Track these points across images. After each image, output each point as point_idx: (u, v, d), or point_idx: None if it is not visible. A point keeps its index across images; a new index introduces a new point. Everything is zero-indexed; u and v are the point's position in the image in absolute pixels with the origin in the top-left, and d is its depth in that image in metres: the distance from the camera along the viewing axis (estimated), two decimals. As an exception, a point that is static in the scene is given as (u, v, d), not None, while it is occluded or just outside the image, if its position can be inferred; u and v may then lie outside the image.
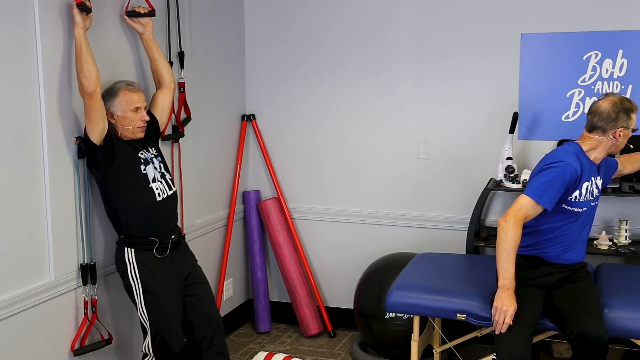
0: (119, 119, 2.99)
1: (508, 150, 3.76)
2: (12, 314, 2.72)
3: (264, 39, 4.39)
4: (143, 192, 3.01)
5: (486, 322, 3.02)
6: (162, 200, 3.06)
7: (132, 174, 2.99)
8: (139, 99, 3.02)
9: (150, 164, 3.07)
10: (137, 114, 3.00)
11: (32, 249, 2.84)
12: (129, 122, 2.99)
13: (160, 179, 3.09)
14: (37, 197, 2.85)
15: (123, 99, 2.98)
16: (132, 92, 3.01)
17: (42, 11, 2.78)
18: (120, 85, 3.01)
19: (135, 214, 3.00)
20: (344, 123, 4.27)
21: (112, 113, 2.98)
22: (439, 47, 4.02)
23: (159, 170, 3.10)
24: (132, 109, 2.99)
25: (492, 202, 4.01)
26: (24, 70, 2.75)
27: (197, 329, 3.20)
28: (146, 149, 3.10)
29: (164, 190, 3.09)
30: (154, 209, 3.04)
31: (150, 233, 3.03)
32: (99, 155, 2.92)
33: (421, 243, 4.18)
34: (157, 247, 3.03)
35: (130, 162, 2.99)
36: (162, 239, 3.06)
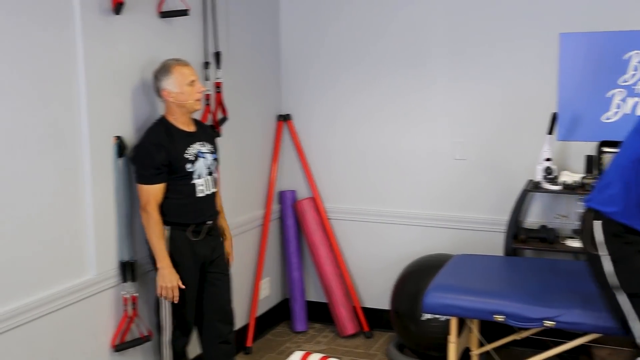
0: (177, 95, 3.03)
1: (547, 151, 3.71)
2: (55, 309, 2.78)
3: (299, 39, 4.41)
4: (186, 189, 3.08)
5: (526, 323, 2.98)
6: (203, 197, 3.13)
7: (177, 171, 3.04)
8: (192, 73, 3.08)
9: (202, 159, 3.12)
10: (192, 87, 3.06)
11: (75, 246, 2.89)
12: (187, 97, 3.04)
13: (207, 175, 3.14)
14: (79, 196, 2.90)
15: (178, 74, 3.03)
16: (184, 66, 3.07)
17: (84, 13, 2.84)
18: (171, 63, 3.07)
19: (175, 206, 3.07)
20: (380, 123, 4.26)
21: (169, 91, 3.03)
22: (475, 47, 3.99)
23: (209, 167, 3.15)
24: (188, 82, 3.04)
25: (530, 203, 3.96)
26: (66, 72, 2.80)
27: (206, 315, 3.27)
28: (201, 142, 3.15)
29: (207, 188, 3.14)
30: (195, 203, 3.10)
31: (187, 220, 3.10)
32: None
33: (457, 244, 4.15)
34: (191, 230, 3.10)
35: (177, 161, 3.04)
36: (198, 224, 3.13)
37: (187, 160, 3.06)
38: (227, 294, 3.34)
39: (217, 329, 3.29)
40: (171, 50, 3.38)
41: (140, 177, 3.01)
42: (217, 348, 3.31)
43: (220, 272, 3.29)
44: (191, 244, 3.12)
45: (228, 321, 3.34)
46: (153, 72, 3.10)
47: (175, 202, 3.06)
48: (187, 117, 3.14)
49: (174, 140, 3.05)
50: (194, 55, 3.56)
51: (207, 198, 3.16)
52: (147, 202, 3.00)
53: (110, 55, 3.00)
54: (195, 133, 3.15)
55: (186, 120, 3.13)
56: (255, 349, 4.15)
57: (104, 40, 2.96)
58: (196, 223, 3.12)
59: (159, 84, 3.05)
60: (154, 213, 3.00)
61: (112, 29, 3.01)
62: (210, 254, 3.22)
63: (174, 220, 3.07)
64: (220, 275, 3.29)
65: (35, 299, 2.69)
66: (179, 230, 3.08)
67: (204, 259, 3.19)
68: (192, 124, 3.17)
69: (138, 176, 3.02)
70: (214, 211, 3.24)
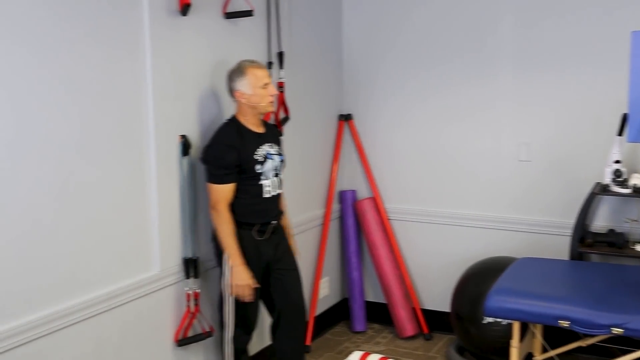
0: (250, 97, 3.06)
1: (616, 153, 3.59)
2: (121, 303, 2.86)
3: (362, 39, 4.40)
4: (254, 189, 3.10)
5: (592, 330, 2.89)
6: (269, 198, 3.15)
7: (247, 172, 3.07)
8: (266, 75, 3.10)
9: (270, 160, 3.14)
10: (265, 90, 3.08)
11: (140, 242, 2.96)
12: (260, 99, 3.07)
13: (274, 177, 3.17)
14: (145, 193, 2.97)
15: (252, 76, 3.05)
16: (258, 68, 3.09)
17: (152, 15, 2.90)
18: (245, 64, 3.09)
19: (242, 206, 3.09)
20: (442, 124, 4.21)
21: (242, 92, 3.06)
22: (542, 47, 3.90)
23: (276, 168, 3.18)
24: (261, 85, 3.06)
25: (598, 206, 3.85)
26: (134, 72, 2.87)
27: (281, 312, 3.27)
28: (270, 143, 3.17)
29: (274, 189, 3.17)
30: (261, 203, 3.13)
31: (253, 220, 3.12)
32: None
33: (521, 247, 4.06)
34: (256, 230, 3.12)
35: (247, 162, 3.06)
36: (263, 224, 3.15)
37: (256, 161, 3.08)
38: (297, 288, 3.34)
39: (290, 324, 3.30)
40: (236, 50, 3.43)
41: (212, 176, 3.05)
42: (290, 344, 3.32)
43: (286, 268, 3.29)
44: (256, 244, 3.13)
45: (300, 316, 3.34)
46: (227, 72, 3.13)
47: (242, 202, 3.09)
48: (258, 119, 3.16)
49: (245, 141, 3.07)
50: (257, 56, 3.59)
51: (273, 199, 3.18)
52: (217, 201, 3.03)
53: (176, 55, 3.06)
54: (264, 134, 3.17)
55: (256, 122, 3.15)
56: (314, 347, 4.17)
57: (170, 40, 3.02)
58: (261, 223, 3.14)
59: (232, 85, 3.08)
60: (224, 212, 3.03)
61: (179, 29, 3.07)
62: (274, 253, 3.22)
63: (240, 220, 3.10)
64: (286, 271, 3.29)
65: (102, 293, 2.77)
66: (244, 230, 3.10)
67: (269, 258, 3.20)
68: (261, 125, 3.19)
69: (209, 176, 3.06)
70: (278, 211, 3.25)
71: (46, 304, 2.55)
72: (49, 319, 2.54)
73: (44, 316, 2.52)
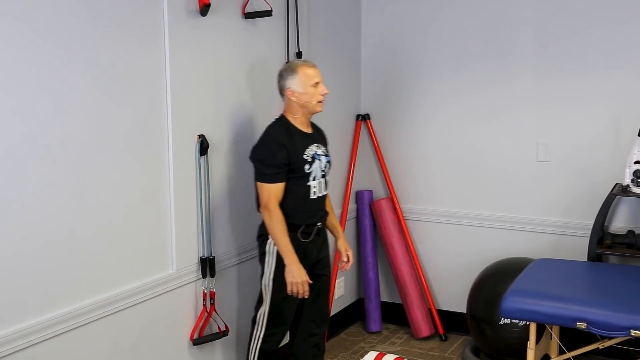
0: (300, 96, 3.05)
1: (637, 153, 3.55)
2: (137, 302, 2.87)
3: (380, 40, 4.39)
4: (301, 190, 3.07)
5: (610, 332, 2.87)
6: (315, 199, 3.12)
7: (296, 172, 3.05)
8: (317, 74, 3.09)
9: (317, 161, 3.12)
10: (316, 89, 3.07)
11: (157, 241, 2.98)
12: (310, 97, 3.06)
13: (321, 177, 3.14)
14: (162, 193, 2.99)
15: (302, 75, 3.05)
16: (309, 67, 3.09)
17: (171, 15, 2.92)
18: (297, 62, 3.11)
19: (288, 206, 3.06)
20: (460, 124, 4.20)
21: (293, 90, 3.06)
22: (563, 46, 3.87)
23: (323, 169, 3.15)
24: (312, 84, 3.06)
25: (617, 207, 3.81)
26: (153, 72, 2.89)
27: (304, 314, 3.25)
28: (317, 144, 3.16)
29: (320, 190, 3.14)
30: (307, 204, 3.10)
31: (298, 221, 3.09)
32: None
33: (538, 248, 4.04)
34: (302, 231, 3.09)
35: (296, 162, 3.04)
36: (308, 225, 3.12)
37: (305, 161, 3.06)
38: (327, 295, 3.32)
39: (311, 328, 3.27)
40: (254, 50, 3.44)
41: (262, 175, 3.03)
42: (308, 347, 3.29)
43: (323, 274, 3.26)
44: (302, 245, 3.10)
45: (323, 322, 3.31)
46: (279, 70, 3.13)
47: (289, 202, 3.05)
48: (307, 118, 3.14)
49: (294, 140, 3.05)
50: (276, 55, 3.61)
51: (319, 200, 3.15)
52: (268, 199, 3.00)
53: (195, 55, 3.07)
54: (312, 134, 3.16)
55: (305, 121, 3.14)
56: (329, 347, 4.17)
57: (190, 40, 3.04)
58: (307, 224, 3.11)
59: (283, 83, 3.08)
60: (276, 210, 3.00)
61: (198, 29, 3.08)
62: (317, 255, 3.19)
63: (287, 221, 3.05)
64: (322, 277, 3.25)
65: (118, 291, 2.79)
66: (290, 231, 3.05)
67: (313, 260, 3.17)
68: (309, 126, 3.17)
69: (259, 175, 3.04)
70: (323, 213, 3.21)
71: (63, 302, 2.57)
72: (65, 317, 2.56)
73: (60, 314, 2.54)
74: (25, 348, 2.42)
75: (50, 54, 2.44)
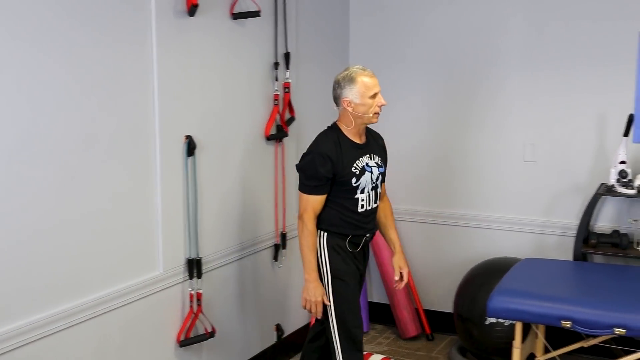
0: (357, 107, 2.89)
1: (622, 153, 3.59)
2: (123, 304, 2.86)
3: (368, 41, 4.40)
4: (348, 202, 2.96)
5: (594, 330, 2.89)
6: (363, 212, 2.99)
7: (342, 184, 2.93)
8: (376, 84, 2.92)
9: (367, 173, 2.96)
10: (374, 100, 2.90)
11: (144, 243, 2.97)
12: (367, 109, 2.90)
13: (371, 190, 2.99)
14: (149, 194, 2.97)
15: (362, 85, 2.88)
16: (369, 76, 2.91)
17: (159, 15, 2.91)
18: (356, 71, 2.92)
19: (335, 217, 2.96)
20: (447, 124, 4.21)
21: (350, 101, 2.89)
22: (549, 47, 3.90)
23: (374, 181, 2.99)
24: (371, 95, 2.89)
25: (603, 207, 3.84)
26: (140, 72, 2.87)
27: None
28: (370, 155, 3.01)
29: (369, 203, 3.00)
30: (354, 217, 2.97)
31: (345, 231, 2.98)
32: None
33: (524, 248, 4.06)
34: (349, 241, 2.98)
35: (343, 175, 2.91)
36: (355, 235, 3.00)
37: (353, 174, 2.92)
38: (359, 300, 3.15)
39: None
40: (243, 51, 3.43)
41: (302, 185, 2.94)
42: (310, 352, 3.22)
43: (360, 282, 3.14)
44: (352, 255, 3.01)
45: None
46: (335, 78, 2.96)
47: (335, 213, 2.95)
48: (362, 129, 2.99)
49: (343, 152, 2.91)
50: (264, 56, 3.61)
51: (367, 213, 3.00)
52: (304, 210, 2.92)
53: (183, 56, 3.06)
54: (365, 145, 3.01)
55: (358, 132, 2.98)
56: (318, 347, 4.17)
57: (177, 41, 3.03)
58: (353, 235, 2.99)
59: (340, 92, 2.92)
60: (309, 223, 2.91)
61: (186, 30, 3.07)
62: (362, 267, 3.11)
63: (334, 230, 2.96)
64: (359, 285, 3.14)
65: (104, 293, 2.77)
66: (340, 239, 2.97)
67: (360, 270, 3.09)
68: (364, 135, 3.02)
69: (300, 184, 2.96)
70: (372, 226, 3.07)
71: (49, 304, 2.55)
72: (51, 320, 2.54)
73: (46, 316, 2.53)
74: (11, 350, 2.40)
75: (37, 54, 2.41)
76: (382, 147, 3.15)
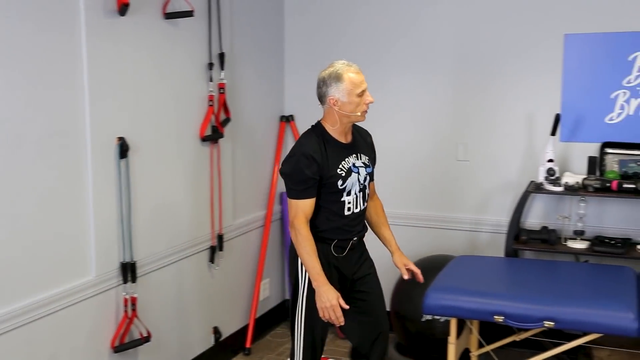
0: (343, 105, 2.76)
1: (549, 152, 3.70)
2: (55, 310, 2.78)
3: (303, 40, 4.41)
4: (334, 205, 2.83)
5: (525, 324, 2.97)
6: (350, 215, 2.87)
7: (328, 187, 2.81)
8: (363, 81, 2.78)
9: (354, 174, 2.84)
10: (362, 98, 2.78)
11: (75, 247, 2.90)
12: (354, 108, 2.77)
13: (359, 192, 2.88)
14: (81, 197, 2.90)
15: (349, 82, 2.74)
16: (356, 73, 2.77)
17: (88, 14, 2.84)
18: (343, 68, 2.77)
19: (321, 219, 2.84)
20: (383, 124, 4.25)
21: (337, 99, 2.75)
22: (479, 48, 3.99)
23: (361, 182, 2.88)
24: (358, 92, 2.75)
25: (532, 204, 3.95)
26: (70, 72, 2.80)
27: (362, 336, 3.01)
28: (357, 155, 2.89)
29: (356, 205, 2.88)
30: (340, 220, 2.86)
31: (330, 235, 2.86)
32: None
33: (458, 246, 4.14)
34: (334, 245, 2.86)
35: (328, 177, 2.79)
36: (341, 239, 2.88)
37: (339, 176, 2.79)
38: (376, 313, 3.02)
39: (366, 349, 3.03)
40: (176, 51, 3.39)
41: (290, 191, 2.79)
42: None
43: (366, 291, 2.99)
44: (335, 260, 2.87)
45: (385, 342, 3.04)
46: (320, 75, 2.81)
47: (321, 216, 2.83)
48: (347, 128, 2.86)
49: (327, 153, 2.79)
50: (198, 56, 3.57)
51: (354, 216, 2.89)
52: (294, 216, 2.76)
53: (114, 55, 3.00)
54: (351, 144, 2.88)
55: (344, 130, 2.86)
56: (255, 349, 4.15)
57: (108, 41, 2.96)
58: (340, 239, 2.87)
59: (325, 90, 2.78)
60: (301, 228, 2.74)
61: (117, 30, 3.01)
62: (356, 272, 2.96)
63: (319, 235, 2.83)
64: (367, 294, 3.00)
65: (35, 299, 2.69)
66: (322, 244, 2.83)
67: (350, 276, 2.94)
68: (349, 134, 2.90)
69: (287, 190, 2.81)
70: (360, 228, 2.95)
71: (-25, 312, 2.47)
72: (-22, 328, 2.46)
73: (-27, 325, 2.44)
74: None
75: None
76: (370, 145, 3.03)
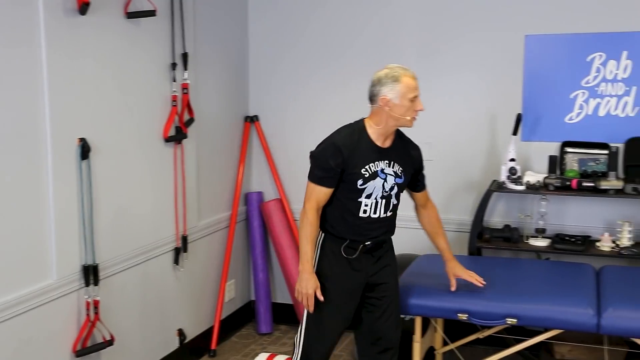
0: (394, 107, 2.74)
1: (511, 151, 3.75)
2: (14, 314, 2.73)
3: (267, 40, 4.40)
4: (349, 203, 2.82)
5: (488, 321, 3.01)
6: (365, 217, 2.84)
7: (347, 183, 2.80)
8: (417, 87, 2.77)
9: (379, 179, 2.81)
10: (413, 104, 2.76)
11: (36, 250, 2.84)
12: (404, 112, 2.75)
13: (380, 198, 2.83)
14: (41, 198, 2.85)
15: (405, 85, 2.73)
16: (412, 78, 2.77)
17: (47, 13, 2.79)
18: (400, 70, 2.77)
19: (335, 216, 2.86)
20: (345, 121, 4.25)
21: (388, 100, 2.74)
22: (441, 47, 4.03)
23: (386, 190, 2.83)
24: (411, 97, 2.74)
25: (495, 203, 4.00)
26: (29, 73, 2.75)
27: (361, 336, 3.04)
28: (390, 163, 2.84)
29: (375, 211, 2.84)
30: (354, 220, 2.84)
31: (342, 234, 2.86)
32: None
33: (423, 245, 4.13)
34: (346, 246, 2.86)
35: (350, 173, 2.78)
36: (353, 241, 2.86)
37: (361, 175, 2.77)
38: (389, 318, 3.00)
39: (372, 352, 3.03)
40: (138, 51, 3.35)
41: (310, 173, 2.83)
42: None
43: (382, 297, 2.97)
44: (346, 261, 2.85)
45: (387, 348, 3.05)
46: (375, 75, 2.81)
47: (335, 212, 2.84)
48: (390, 132, 2.83)
49: (358, 150, 2.77)
50: (161, 56, 3.53)
51: (372, 220, 2.85)
52: (307, 199, 2.80)
53: (75, 55, 2.96)
54: (387, 150, 2.83)
55: (385, 134, 2.82)
56: (220, 351, 4.13)
57: (68, 40, 2.92)
58: (351, 240, 2.85)
59: (379, 89, 2.76)
60: (310, 213, 2.78)
61: (78, 29, 2.96)
62: (372, 278, 2.93)
63: (332, 232, 2.85)
64: (375, 300, 2.97)
65: (-7, 303, 2.64)
66: (334, 242, 2.85)
67: (363, 280, 2.91)
68: (390, 140, 2.85)
69: (309, 172, 2.84)
70: (377, 234, 2.89)
71: None
72: None
73: None
74: None
75: None
76: (413, 158, 2.96)
